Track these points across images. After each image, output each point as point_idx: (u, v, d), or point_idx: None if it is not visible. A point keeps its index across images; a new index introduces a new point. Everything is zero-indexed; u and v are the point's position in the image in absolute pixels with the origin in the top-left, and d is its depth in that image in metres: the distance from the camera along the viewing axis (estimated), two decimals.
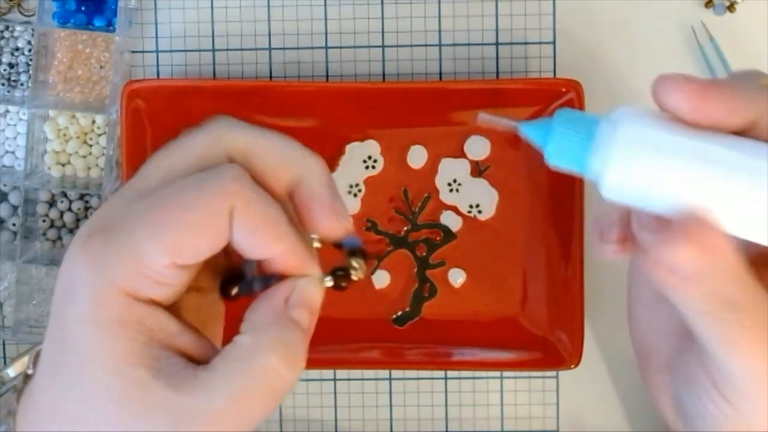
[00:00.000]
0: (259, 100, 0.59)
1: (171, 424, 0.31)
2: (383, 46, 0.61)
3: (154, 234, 0.32)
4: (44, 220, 0.62)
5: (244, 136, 0.36)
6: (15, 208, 0.62)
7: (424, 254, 0.60)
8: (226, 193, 0.33)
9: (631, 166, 0.35)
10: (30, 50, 0.61)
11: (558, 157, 0.38)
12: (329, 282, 0.36)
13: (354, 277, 0.37)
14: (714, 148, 0.34)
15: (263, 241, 0.33)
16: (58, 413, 0.33)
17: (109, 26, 0.61)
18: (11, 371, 0.43)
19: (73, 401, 0.33)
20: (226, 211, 0.33)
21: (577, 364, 0.58)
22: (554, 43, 0.60)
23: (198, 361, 0.33)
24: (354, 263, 0.37)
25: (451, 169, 0.60)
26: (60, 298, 0.34)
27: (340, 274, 0.37)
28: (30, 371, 0.38)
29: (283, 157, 0.36)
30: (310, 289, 0.35)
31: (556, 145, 0.37)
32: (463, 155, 0.60)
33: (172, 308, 0.34)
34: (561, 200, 0.58)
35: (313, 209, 0.35)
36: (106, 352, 0.32)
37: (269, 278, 0.35)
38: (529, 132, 0.38)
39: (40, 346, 0.36)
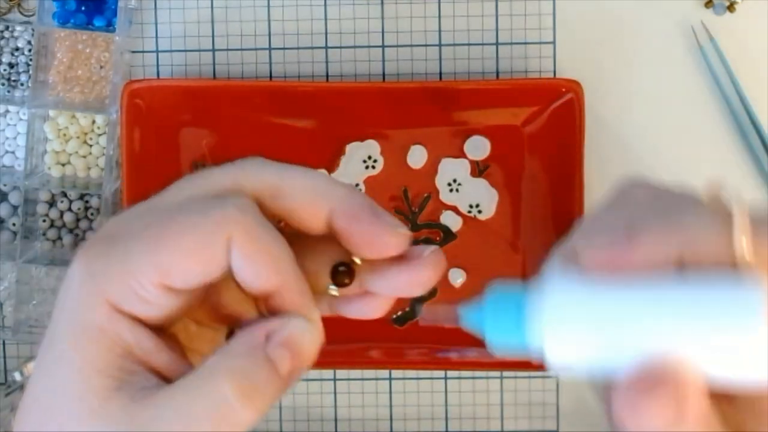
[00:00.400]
0: (259, 100, 0.59)
1: None
2: (383, 46, 0.61)
3: (147, 250, 0.32)
4: (44, 220, 0.62)
5: (272, 175, 0.34)
6: (15, 208, 0.62)
7: None
8: (226, 220, 0.32)
9: (568, 338, 0.31)
10: (30, 50, 0.61)
11: (498, 344, 0.33)
12: (333, 291, 0.34)
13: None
14: (658, 291, 0.30)
15: (261, 272, 0.32)
16: (34, 410, 0.33)
17: (109, 26, 0.60)
18: (18, 375, 0.43)
19: (47, 398, 0.33)
20: (223, 238, 0.32)
21: None
22: (554, 43, 0.60)
23: (171, 381, 0.33)
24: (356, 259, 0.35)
25: (451, 169, 0.60)
26: (58, 298, 0.34)
27: (342, 270, 0.35)
28: None
29: (313, 191, 0.34)
30: (299, 331, 0.32)
31: (493, 331, 0.33)
32: (463, 155, 0.60)
33: (164, 328, 0.34)
34: (561, 200, 0.58)
35: (358, 231, 0.33)
36: (79, 355, 0.32)
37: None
38: (469, 322, 0.34)
39: None
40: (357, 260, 0.34)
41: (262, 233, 0.32)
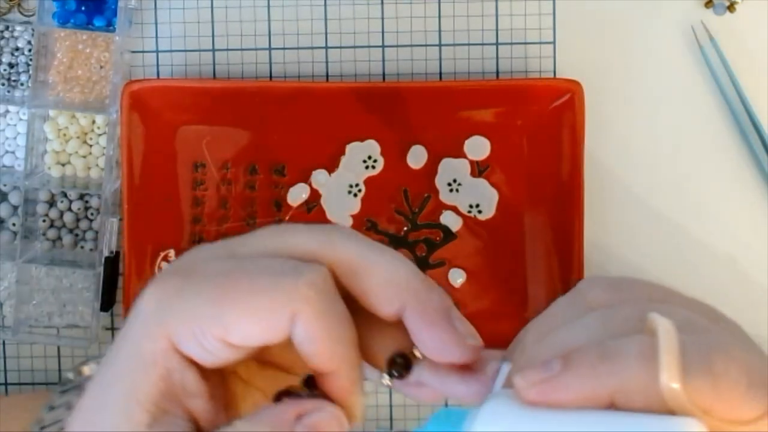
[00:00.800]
0: (259, 100, 0.59)
1: None
2: (383, 46, 0.61)
3: (213, 304, 0.32)
4: (44, 220, 0.62)
5: (355, 252, 0.34)
6: (15, 208, 0.62)
7: (424, 254, 0.60)
8: (296, 296, 0.32)
9: None
10: (30, 50, 0.61)
11: None
12: (386, 381, 0.34)
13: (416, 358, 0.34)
14: (586, 426, 0.30)
15: (317, 355, 0.32)
16: (79, 419, 0.34)
17: (109, 26, 0.60)
18: (71, 374, 0.44)
19: (91, 413, 0.34)
20: (288, 312, 0.32)
21: None
22: (554, 43, 0.60)
23: (202, 430, 0.34)
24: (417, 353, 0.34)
25: (451, 169, 0.60)
26: (129, 315, 0.35)
27: (399, 362, 0.34)
28: None
29: (390, 282, 0.33)
30: (330, 421, 0.32)
31: None
32: (463, 155, 0.60)
33: (214, 371, 0.34)
34: (561, 200, 0.58)
35: (428, 335, 0.33)
36: (127, 381, 0.33)
37: (316, 398, 0.33)
38: None
39: None
40: (417, 354, 0.34)
41: (329, 316, 0.32)
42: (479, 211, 0.60)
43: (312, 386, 0.34)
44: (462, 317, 0.34)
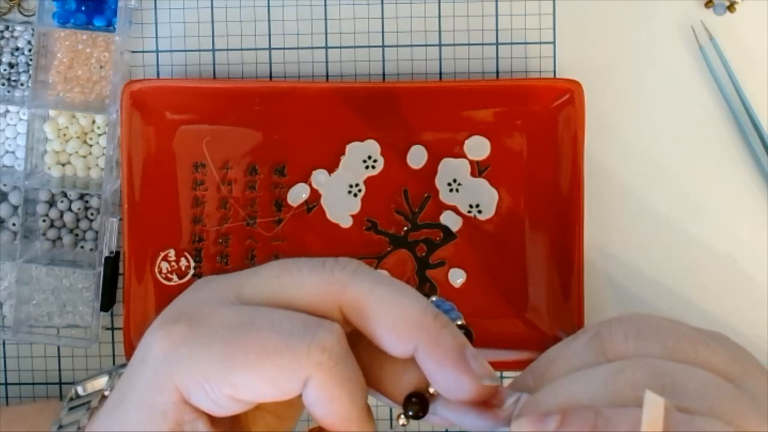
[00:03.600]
0: (259, 100, 0.59)
1: None
2: (383, 46, 0.61)
3: (223, 364, 0.32)
4: (44, 220, 0.62)
5: (365, 291, 0.33)
6: (15, 208, 0.62)
7: (424, 254, 0.60)
8: (307, 361, 0.31)
9: None
10: (30, 50, 0.61)
11: None
12: (402, 421, 0.33)
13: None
14: None
15: (328, 416, 0.32)
16: None
17: (109, 26, 0.60)
18: (81, 389, 0.44)
19: None
20: (301, 377, 0.31)
21: None
22: (554, 43, 0.60)
23: None
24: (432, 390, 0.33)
25: (451, 169, 0.60)
26: (135, 357, 0.35)
27: (415, 401, 0.33)
28: (107, 393, 0.39)
29: (402, 321, 0.32)
30: None
31: None
32: (463, 155, 0.60)
33: (234, 417, 0.34)
34: (561, 200, 0.58)
35: (441, 375, 0.32)
36: (140, 429, 0.33)
37: None
38: None
39: (122, 370, 0.37)
40: (432, 390, 0.33)
41: (341, 379, 0.32)
42: (479, 211, 0.60)
43: None
44: (477, 355, 0.33)
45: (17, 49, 0.61)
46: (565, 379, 0.32)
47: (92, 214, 0.62)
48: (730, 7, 0.59)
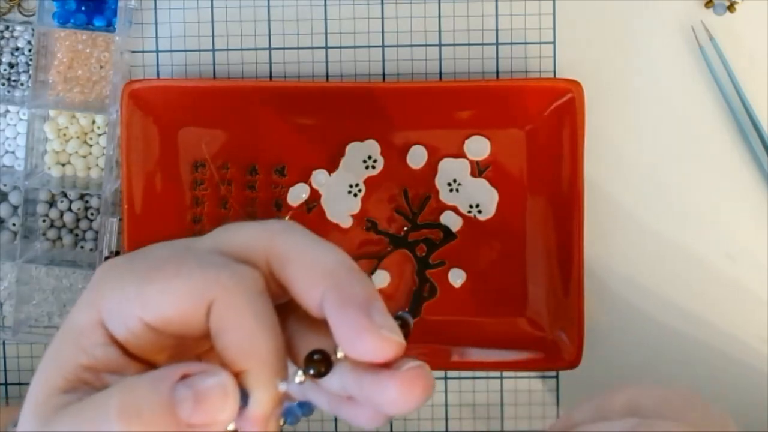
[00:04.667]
0: (259, 100, 0.59)
1: None
2: (383, 46, 0.61)
3: (140, 282, 0.32)
4: (44, 220, 0.62)
5: (289, 240, 0.32)
6: (15, 208, 0.62)
7: (424, 254, 0.60)
8: (215, 283, 0.31)
9: None
10: (30, 50, 0.61)
11: None
12: (298, 377, 0.31)
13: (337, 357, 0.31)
14: None
15: (228, 349, 0.31)
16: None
17: (109, 26, 0.60)
18: None
19: (34, 376, 0.34)
20: (204, 298, 0.31)
21: (577, 364, 0.58)
22: (554, 43, 0.60)
23: None
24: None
25: (451, 169, 0.60)
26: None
27: (317, 358, 0.31)
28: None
29: (313, 266, 0.32)
30: (216, 386, 0.30)
31: None
32: (463, 155, 0.60)
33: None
34: (561, 200, 0.58)
35: (341, 323, 0.30)
36: (54, 348, 0.33)
37: (244, 394, 0.31)
38: None
39: None
40: (339, 354, 0.31)
41: (246, 310, 0.31)
42: (479, 211, 0.60)
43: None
44: (385, 310, 0.31)
45: (17, 49, 0.61)
46: None
47: (92, 214, 0.62)
48: (730, 7, 0.59)
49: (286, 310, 0.34)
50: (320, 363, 0.31)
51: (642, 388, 0.39)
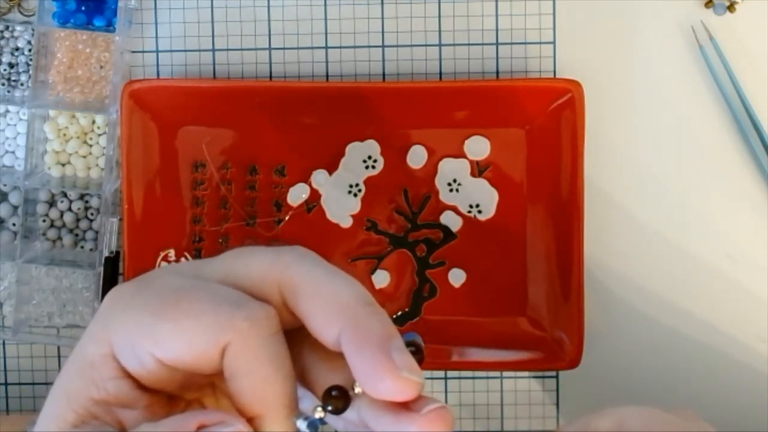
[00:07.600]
0: (259, 100, 0.59)
1: None
2: (383, 46, 0.61)
3: (151, 319, 0.31)
4: (44, 220, 0.62)
5: (303, 270, 0.32)
6: (15, 208, 0.62)
7: (424, 254, 0.60)
8: (229, 326, 0.30)
9: None
10: (30, 50, 0.61)
11: None
12: (318, 413, 0.30)
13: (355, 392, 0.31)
14: None
15: (241, 394, 0.30)
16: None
17: (109, 26, 0.60)
18: None
19: (46, 403, 0.34)
20: (218, 341, 0.30)
21: (577, 364, 0.58)
22: (554, 43, 0.60)
23: None
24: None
25: (451, 169, 0.60)
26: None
27: (336, 395, 0.30)
28: None
29: (329, 301, 0.31)
30: None
31: None
32: (463, 155, 0.60)
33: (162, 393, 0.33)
34: (561, 200, 0.58)
35: (359, 362, 0.30)
36: (66, 378, 0.33)
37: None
38: None
39: None
40: (357, 389, 0.31)
41: (261, 354, 0.30)
42: (479, 211, 0.60)
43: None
44: (403, 348, 0.30)
45: (17, 49, 0.61)
46: None
47: (92, 214, 0.62)
48: (730, 7, 0.59)
49: (300, 337, 0.33)
50: (338, 399, 0.31)
51: (628, 410, 0.40)
